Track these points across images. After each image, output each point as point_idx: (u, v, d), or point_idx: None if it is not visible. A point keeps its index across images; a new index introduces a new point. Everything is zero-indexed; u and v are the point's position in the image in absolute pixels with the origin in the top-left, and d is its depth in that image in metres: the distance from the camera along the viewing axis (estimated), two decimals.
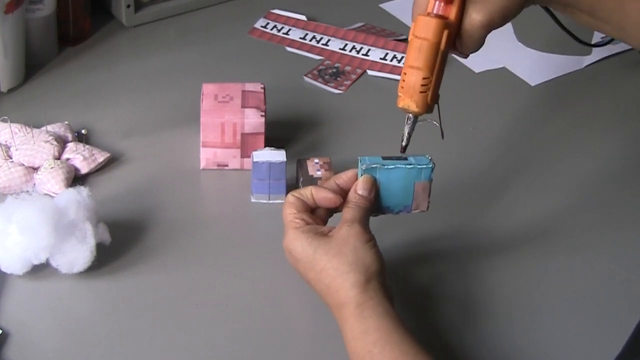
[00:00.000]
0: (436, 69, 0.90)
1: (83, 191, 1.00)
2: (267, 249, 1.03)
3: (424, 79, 0.89)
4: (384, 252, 0.89)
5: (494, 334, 0.95)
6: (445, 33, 0.88)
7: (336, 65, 1.32)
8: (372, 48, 1.34)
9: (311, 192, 0.93)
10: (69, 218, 0.96)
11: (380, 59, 1.32)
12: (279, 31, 1.38)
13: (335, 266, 0.87)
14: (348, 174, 0.94)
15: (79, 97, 1.23)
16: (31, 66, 1.26)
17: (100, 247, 0.97)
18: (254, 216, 1.08)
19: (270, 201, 1.09)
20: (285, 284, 0.98)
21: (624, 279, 1.03)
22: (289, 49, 1.36)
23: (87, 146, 1.11)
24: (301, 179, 1.07)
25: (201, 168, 1.13)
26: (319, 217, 0.93)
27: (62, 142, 1.11)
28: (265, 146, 1.11)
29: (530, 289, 1.01)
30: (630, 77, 1.34)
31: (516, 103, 1.29)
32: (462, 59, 1.34)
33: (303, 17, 1.40)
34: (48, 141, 1.09)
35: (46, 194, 1.05)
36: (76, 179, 1.09)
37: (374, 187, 0.93)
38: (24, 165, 1.08)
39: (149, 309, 0.96)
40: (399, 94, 0.91)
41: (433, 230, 1.06)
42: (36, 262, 0.95)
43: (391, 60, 1.31)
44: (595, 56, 1.37)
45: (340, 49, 1.35)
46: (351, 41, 1.35)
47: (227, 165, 1.13)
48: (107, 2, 1.37)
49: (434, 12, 0.89)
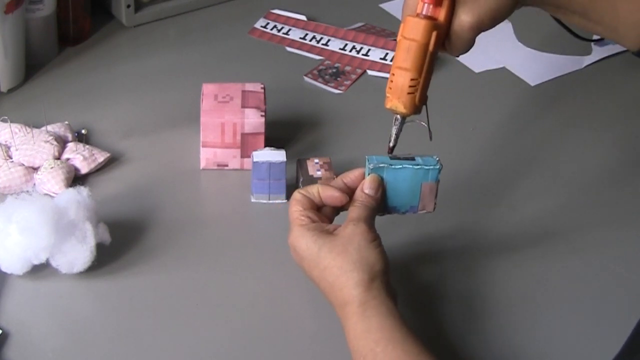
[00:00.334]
0: (424, 70, 0.89)
1: (83, 191, 1.00)
2: (267, 249, 1.03)
3: (411, 80, 0.89)
4: (386, 251, 0.89)
5: (496, 333, 0.95)
6: (434, 34, 0.88)
7: (336, 65, 1.32)
8: (372, 48, 1.34)
9: (318, 190, 0.93)
10: (69, 218, 0.96)
11: (380, 59, 1.32)
12: (279, 31, 1.38)
13: (339, 264, 0.87)
14: (355, 172, 0.94)
15: (79, 97, 1.23)
16: (31, 66, 1.26)
17: (100, 247, 0.97)
18: (254, 216, 1.08)
19: (270, 201, 1.09)
20: (286, 284, 0.98)
21: (624, 279, 1.03)
22: (289, 49, 1.36)
23: (87, 146, 1.11)
24: (301, 179, 1.07)
25: (201, 168, 1.13)
26: (325, 215, 0.93)
27: (62, 142, 1.11)
28: (265, 146, 1.11)
29: (530, 288, 1.01)
30: (630, 77, 1.34)
31: (516, 103, 1.29)
32: (462, 59, 1.34)
33: (303, 17, 1.40)
34: (48, 141, 1.09)
35: (46, 194, 1.05)
36: (76, 179, 1.09)
37: (381, 187, 0.93)
38: (24, 165, 1.08)
39: (149, 309, 0.96)
40: (387, 94, 0.91)
41: (434, 229, 1.05)
42: (36, 262, 0.95)
43: (391, 60, 1.31)
44: (595, 56, 1.37)
45: (340, 49, 1.35)
46: (351, 41, 1.35)
47: (227, 165, 1.13)
48: (107, 2, 1.37)
49: (423, 13, 0.89)
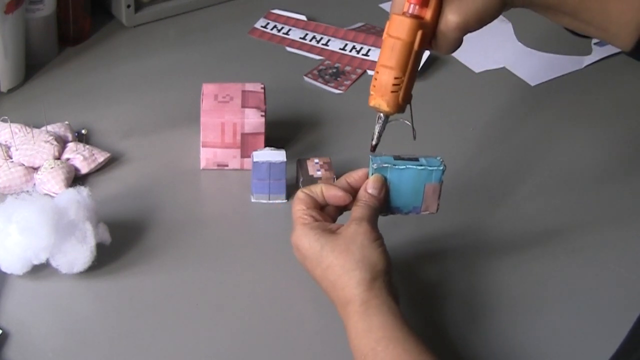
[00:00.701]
0: (409, 69, 0.89)
1: (83, 191, 1.00)
2: (267, 249, 1.03)
3: (395, 78, 0.88)
4: (388, 250, 0.89)
5: (496, 332, 0.95)
6: (420, 33, 0.87)
7: (336, 65, 1.32)
8: (372, 48, 1.34)
9: (321, 190, 0.93)
10: (69, 218, 0.96)
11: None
12: (279, 31, 1.38)
13: (341, 263, 0.87)
14: (359, 172, 0.95)
15: (79, 97, 1.23)
16: (31, 66, 1.26)
17: (100, 247, 0.97)
18: (254, 216, 1.08)
19: (270, 201, 1.09)
20: (286, 284, 0.98)
21: (624, 278, 1.03)
22: (289, 49, 1.36)
23: (87, 146, 1.11)
24: (301, 179, 1.07)
25: (201, 168, 1.13)
26: (328, 214, 0.93)
27: (62, 142, 1.11)
28: (265, 146, 1.11)
29: (531, 288, 1.01)
30: (630, 77, 1.34)
31: (516, 103, 1.29)
32: (462, 59, 1.34)
33: (303, 17, 1.40)
34: (48, 141, 1.09)
35: (46, 194, 1.05)
36: (76, 179, 1.09)
37: (384, 187, 0.93)
38: (24, 165, 1.08)
39: (149, 309, 0.96)
40: (371, 92, 0.90)
41: (435, 229, 1.05)
42: (36, 262, 0.95)
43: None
44: (595, 56, 1.37)
45: (340, 49, 1.35)
46: (351, 41, 1.35)
47: (227, 165, 1.13)
48: (107, 2, 1.37)
49: (409, 12, 0.88)
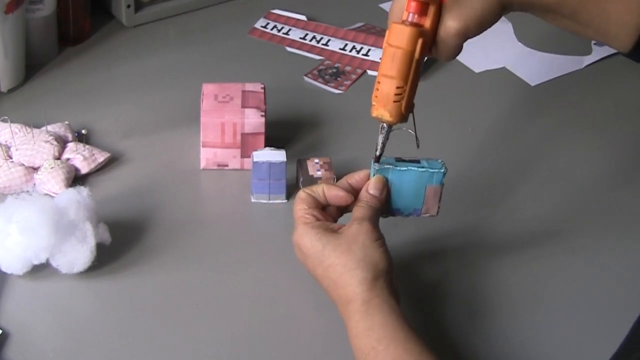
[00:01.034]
0: (410, 78, 0.88)
1: (83, 191, 1.00)
2: (267, 249, 1.03)
3: (397, 87, 0.88)
4: (390, 249, 0.89)
5: (496, 332, 0.95)
6: (420, 42, 0.87)
7: (336, 65, 1.32)
8: (372, 48, 1.34)
9: (323, 190, 0.93)
10: (69, 218, 0.96)
11: (380, 58, 1.32)
12: (279, 31, 1.38)
13: (343, 262, 0.87)
14: (360, 174, 0.95)
15: (79, 97, 1.23)
16: (31, 66, 1.26)
17: (100, 247, 0.97)
18: (254, 216, 1.08)
19: (270, 201, 1.09)
20: (286, 284, 0.98)
21: (624, 279, 1.03)
22: (289, 49, 1.36)
23: (87, 146, 1.11)
24: (301, 179, 1.07)
25: (201, 168, 1.13)
26: (329, 214, 0.94)
27: (62, 142, 1.11)
28: (265, 146, 1.11)
29: (531, 288, 1.01)
30: (630, 77, 1.34)
31: (516, 103, 1.29)
32: (462, 59, 1.34)
33: (303, 17, 1.40)
34: (48, 141, 1.09)
35: (46, 194, 1.05)
36: (76, 179, 1.09)
37: (386, 188, 0.93)
38: (24, 165, 1.08)
39: (149, 309, 0.96)
40: (373, 102, 0.90)
41: (435, 229, 1.05)
42: (36, 262, 0.95)
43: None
44: (595, 56, 1.37)
45: (340, 49, 1.35)
46: (351, 41, 1.35)
47: (227, 165, 1.13)
48: (107, 2, 1.37)
49: (409, 20, 0.88)
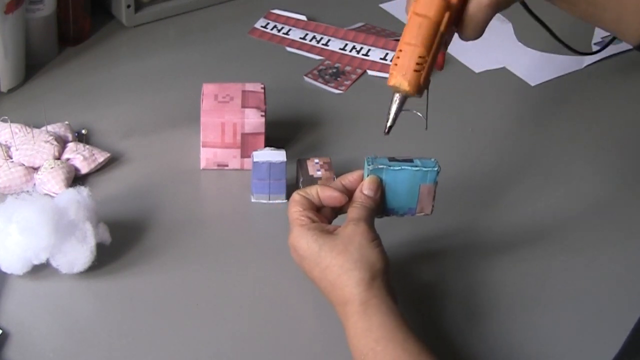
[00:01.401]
0: (433, 50, 0.86)
1: (83, 191, 1.00)
2: (267, 249, 1.03)
3: (420, 57, 0.86)
4: (386, 250, 0.89)
5: (495, 332, 0.95)
6: (447, 15, 0.85)
7: (336, 65, 1.32)
8: (372, 48, 1.34)
9: (317, 191, 0.93)
10: (69, 218, 0.96)
11: (380, 59, 1.32)
12: (279, 31, 1.38)
13: (340, 263, 0.87)
14: (354, 175, 0.95)
15: (79, 97, 1.23)
16: (31, 66, 1.26)
17: (100, 247, 0.97)
18: (254, 216, 1.08)
19: (270, 201, 1.09)
20: (286, 284, 0.98)
21: (624, 278, 1.03)
22: (289, 49, 1.36)
23: (87, 146, 1.11)
24: (301, 179, 1.07)
25: (201, 168, 1.13)
26: (324, 216, 0.94)
27: (62, 142, 1.11)
28: (265, 146, 1.11)
29: (530, 288, 1.01)
30: (630, 77, 1.34)
31: (516, 103, 1.29)
32: (462, 59, 1.34)
33: (303, 17, 1.40)
34: (48, 141, 1.09)
35: (46, 194, 1.05)
36: (76, 179, 1.09)
37: (380, 188, 0.94)
38: (24, 165, 1.08)
39: (149, 309, 0.96)
40: (391, 71, 0.87)
41: (434, 229, 1.06)
42: (36, 262, 0.95)
43: (391, 60, 1.31)
44: (595, 56, 1.36)
45: (340, 49, 1.35)
46: (351, 41, 1.35)
47: (227, 165, 1.13)
48: (107, 2, 1.37)
49: None
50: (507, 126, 1.24)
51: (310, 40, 1.36)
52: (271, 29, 1.39)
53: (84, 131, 1.13)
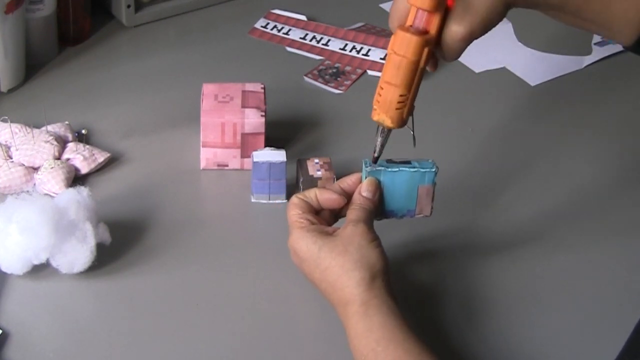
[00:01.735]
0: (414, 86, 0.88)
1: (83, 191, 1.00)
2: (267, 249, 1.03)
3: (400, 96, 0.87)
4: (385, 250, 0.89)
5: (495, 333, 0.95)
6: (426, 51, 0.86)
7: (336, 65, 1.32)
8: (372, 48, 1.34)
9: (315, 194, 0.93)
10: (69, 218, 0.96)
11: (381, 59, 1.32)
12: (279, 31, 1.38)
13: (340, 264, 0.87)
14: (352, 178, 0.95)
15: (79, 97, 1.23)
16: (31, 66, 1.26)
17: (100, 247, 0.97)
18: (254, 216, 1.08)
19: (270, 201, 1.09)
20: (286, 284, 0.98)
21: (624, 279, 1.03)
22: (289, 49, 1.36)
23: (87, 146, 1.11)
24: (301, 179, 1.07)
25: (201, 168, 1.13)
26: (323, 219, 0.94)
27: (62, 142, 1.11)
28: (265, 146, 1.11)
29: (531, 288, 1.01)
30: (630, 77, 1.34)
31: (516, 103, 1.29)
32: (462, 59, 1.34)
33: (303, 17, 1.40)
34: (48, 141, 1.09)
35: (46, 194, 1.05)
36: (76, 179, 1.09)
37: (378, 189, 0.94)
38: (24, 165, 1.08)
39: (149, 309, 0.96)
40: (374, 107, 0.89)
41: (434, 229, 1.05)
42: (36, 262, 0.95)
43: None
44: (595, 56, 1.37)
45: (340, 49, 1.35)
46: (351, 41, 1.35)
47: (227, 165, 1.13)
48: (107, 2, 1.37)
49: (415, 25, 0.86)
50: (507, 126, 1.24)
51: (310, 40, 1.36)
52: (271, 29, 1.39)
53: (84, 131, 1.13)
